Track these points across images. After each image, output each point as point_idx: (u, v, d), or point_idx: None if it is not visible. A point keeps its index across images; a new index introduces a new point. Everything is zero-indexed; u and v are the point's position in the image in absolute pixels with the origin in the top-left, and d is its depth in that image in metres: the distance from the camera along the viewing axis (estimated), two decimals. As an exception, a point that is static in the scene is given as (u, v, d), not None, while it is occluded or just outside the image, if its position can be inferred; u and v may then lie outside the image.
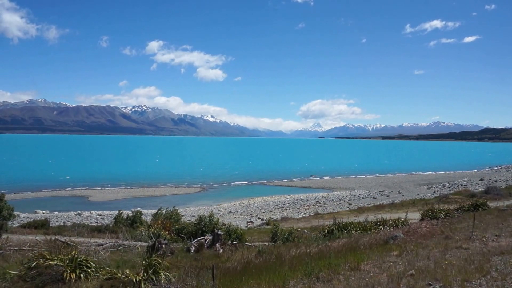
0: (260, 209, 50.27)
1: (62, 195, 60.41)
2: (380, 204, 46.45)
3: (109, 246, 15.37)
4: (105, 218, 41.22)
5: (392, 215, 26.73)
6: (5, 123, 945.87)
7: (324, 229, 19.58)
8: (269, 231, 24.19)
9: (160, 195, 61.66)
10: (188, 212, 45.11)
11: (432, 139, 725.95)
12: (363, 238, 13.19)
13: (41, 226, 23.69)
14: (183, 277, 8.64)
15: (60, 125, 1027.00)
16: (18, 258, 12.17)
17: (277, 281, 7.65)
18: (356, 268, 8.33)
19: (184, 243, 18.67)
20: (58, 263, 9.93)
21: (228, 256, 14.53)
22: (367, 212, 38.58)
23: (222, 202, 56.84)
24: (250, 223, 40.00)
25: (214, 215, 24.83)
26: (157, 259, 10.50)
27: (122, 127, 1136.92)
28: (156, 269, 9.90)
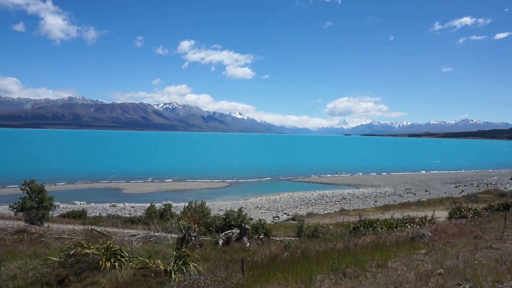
0: (286, 205, 50.40)
1: (98, 187, 62.85)
2: (406, 202, 45.64)
3: (142, 237, 15.94)
4: (137, 210, 42.53)
5: (419, 213, 26.17)
6: (47, 119, 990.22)
7: (349, 226, 19.47)
8: (295, 226, 24.27)
9: (189, 189, 62.84)
10: (216, 206, 45.80)
11: (460, 137, 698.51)
12: (389, 236, 13.04)
13: (79, 216, 24.79)
14: (212, 269, 8.88)
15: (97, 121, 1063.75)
16: (58, 246, 12.88)
17: (304, 275, 7.73)
18: (383, 266, 8.29)
19: (213, 236, 19.07)
20: (94, 252, 10.46)
21: (254, 249, 14.74)
22: (393, 210, 37.97)
23: (249, 197, 57.28)
24: (276, 218, 40.20)
25: (242, 210, 25.23)
26: (187, 251, 10.84)
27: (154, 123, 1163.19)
28: (186, 260, 10.24)
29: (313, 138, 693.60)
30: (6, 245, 13.07)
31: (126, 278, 9.08)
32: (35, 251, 12.12)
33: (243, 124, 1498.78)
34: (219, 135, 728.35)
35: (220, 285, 7.35)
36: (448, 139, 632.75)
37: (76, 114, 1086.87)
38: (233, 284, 7.35)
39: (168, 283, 8.72)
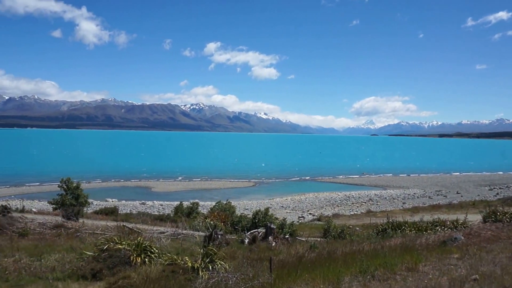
0: (312, 205, 50.08)
1: (128, 185, 64.62)
2: (436, 204, 44.30)
3: (170, 234, 16.31)
4: (166, 208, 43.38)
5: (450, 216, 25.32)
6: (81, 120, 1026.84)
7: (377, 227, 19.12)
8: (321, 227, 24.08)
9: (216, 188, 63.52)
10: (241, 205, 46.08)
11: (494, 137, 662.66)
12: (419, 239, 12.74)
13: (111, 213, 25.56)
14: (239, 267, 8.98)
15: (127, 122, 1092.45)
16: (92, 241, 13.40)
17: (331, 276, 7.69)
18: (414, 269, 8.12)
19: (239, 235, 19.22)
20: (125, 247, 10.82)
21: (280, 249, 14.77)
22: (422, 212, 36.98)
23: (274, 196, 57.30)
24: (301, 218, 40.02)
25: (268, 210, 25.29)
26: (214, 249, 11.02)
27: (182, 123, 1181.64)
28: (213, 258, 10.42)
29: (339, 138, 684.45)
30: (46, 239, 13.73)
31: (156, 274, 9.34)
32: (71, 245, 12.66)
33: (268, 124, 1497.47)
34: (245, 135, 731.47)
35: (248, 283, 7.43)
36: (482, 140, 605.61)
37: (108, 115, 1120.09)
38: (260, 283, 7.41)
39: (196, 280, 8.90)
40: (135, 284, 8.65)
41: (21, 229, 14.59)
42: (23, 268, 9.69)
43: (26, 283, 8.72)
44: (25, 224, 15.45)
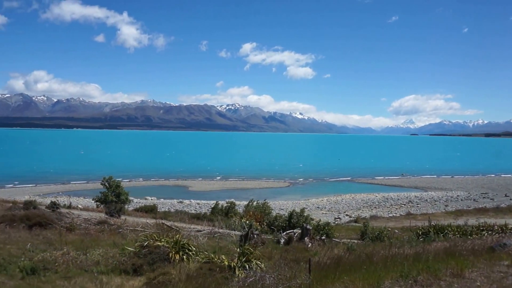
0: (348, 206, 49.20)
1: (166, 184, 66.39)
2: (482, 208, 42.23)
3: (207, 232, 16.58)
4: (202, 207, 44.12)
5: (498, 220, 24.03)
6: (122, 121, 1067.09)
7: (418, 231, 18.45)
8: (358, 228, 23.61)
9: (251, 188, 63.77)
10: (277, 206, 45.98)
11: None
12: (463, 243, 12.17)
13: (150, 210, 26.35)
14: (276, 267, 8.97)
15: (165, 122, 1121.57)
16: (133, 237, 13.89)
17: (371, 280, 7.49)
18: (459, 275, 7.76)
19: (274, 235, 19.20)
20: (165, 244, 11.14)
21: (316, 250, 14.62)
22: (466, 215, 35.37)
23: (310, 197, 56.75)
24: (337, 220, 39.39)
25: (304, 210, 25.09)
26: (250, 248, 11.10)
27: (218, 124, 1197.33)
28: (249, 257, 10.49)
29: (377, 138, 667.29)
30: (91, 234, 14.40)
31: (194, 271, 9.53)
32: (114, 241, 13.19)
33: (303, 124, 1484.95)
34: (280, 135, 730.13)
35: (285, 284, 7.41)
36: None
37: (147, 116, 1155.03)
38: (298, 284, 7.36)
39: (233, 278, 8.99)
40: (173, 281, 8.86)
41: (68, 224, 15.38)
42: (71, 261, 10.22)
43: (73, 275, 9.17)
44: (72, 220, 16.26)
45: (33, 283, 8.40)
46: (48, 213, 16.42)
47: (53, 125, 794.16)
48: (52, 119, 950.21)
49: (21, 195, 44.58)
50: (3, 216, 15.09)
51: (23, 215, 15.14)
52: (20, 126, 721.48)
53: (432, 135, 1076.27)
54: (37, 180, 63.68)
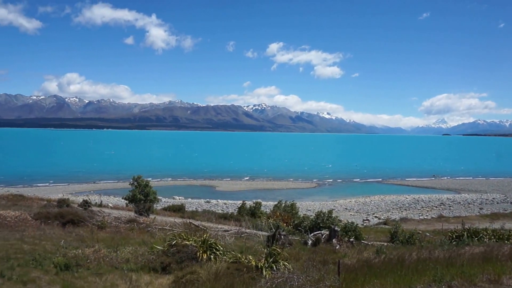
0: (377, 208, 48.29)
1: (194, 184, 67.28)
2: (520, 211, 40.36)
3: (234, 232, 16.63)
4: (229, 207, 44.40)
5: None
6: (151, 121, 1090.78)
7: (450, 234, 17.82)
8: (387, 231, 23.12)
9: (278, 189, 63.66)
10: (304, 206, 45.70)
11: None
12: (500, 248, 11.63)
13: (178, 210, 26.73)
14: (304, 268, 8.87)
15: (193, 123, 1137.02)
16: (161, 236, 14.12)
17: (402, 284, 7.29)
18: (496, 281, 7.42)
19: (302, 236, 19.05)
20: (192, 244, 11.25)
21: (345, 252, 14.39)
22: (503, 219, 34.04)
23: (338, 198, 56.09)
24: (366, 221, 38.76)
25: (332, 212, 24.76)
26: (277, 249, 11.04)
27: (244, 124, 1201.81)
28: (276, 258, 10.43)
29: (407, 138, 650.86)
30: (121, 232, 14.76)
31: (221, 271, 9.56)
32: (143, 239, 13.47)
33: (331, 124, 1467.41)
34: (307, 136, 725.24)
35: (314, 286, 7.31)
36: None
37: (175, 117, 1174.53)
38: (326, 286, 7.25)
39: (260, 278, 8.96)
40: (201, 280, 8.92)
41: (99, 222, 15.81)
42: (102, 258, 10.49)
43: (104, 272, 9.40)
44: (103, 218, 16.71)
45: (66, 278, 8.66)
46: (80, 211, 16.95)
47: (84, 125, 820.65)
48: (83, 119, 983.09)
49: (55, 194, 46.38)
50: (38, 213, 15.70)
51: (57, 212, 15.68)
52: (54, 126, 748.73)
53: (465, 135, 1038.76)
54: (70, 179, 66.08)
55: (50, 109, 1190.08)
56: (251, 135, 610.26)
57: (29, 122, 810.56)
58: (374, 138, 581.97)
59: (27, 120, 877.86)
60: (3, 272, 8.51)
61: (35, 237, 12.46)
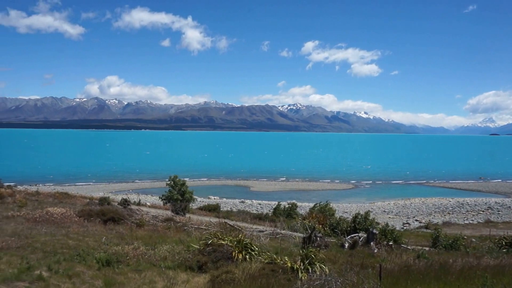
0: (418, 211, 46.69)
1: (228, 184, 67.96)
2: None
3: (269, 233, 16.58)
4: (264, 207, 44.42)
5: None
6: (186, 122, 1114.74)
7: (500, 240, 16.83)
8: (429, 235, 22.36)
9: (313, 190, 63.01)
10: (340, 208, 44.94)
11: None
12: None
13: (213, 209, 27.07)
14: (342, 272, 8.66)
15: (227, 123, 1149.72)
16: (197, 235, 14.31)
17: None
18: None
19: (338, 238, 18.70)
20: (228, 243, 11.29)
21: (383, 256, 13.96)
22: (562, 226, 31.61)
23: (375, 200, 54.75)
24: (406, 225, 37.60)
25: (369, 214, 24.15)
26: (314, 251, 10.86)
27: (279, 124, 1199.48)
28: (312, 260, 10.25)
29: (451, 138, 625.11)
30: (158, 231, 15.11)
31: (256, 271, 9.52)
32: (180, 238, 13.69)
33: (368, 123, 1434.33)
34: (343, 135, 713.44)
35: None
36: None
37: (210, 117, 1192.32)
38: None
39: (296, 280, 8.84)
40: (236, 279, 8.93)
41: (138, 220, 16.27)
42: (140, 255, 10.77)
43: (143, 269, 9.64)
44: (141, 216, 17.19)
45: (108, 274, 8.95)
46: (120, 209, 17.53)
47: (123, 126, 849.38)
48: (122, 121, 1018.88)
49: (96, 192, 48.34)
50: (82, 210, 16.39)
51: (99, 210, 16.30)
52: (95, 127, 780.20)
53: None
54: (110, 178, 68.72)
55: (92, 111, 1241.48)
56: (285, 135, 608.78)
57: (73, 124, 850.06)
58: (414, 138, 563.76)
59: (71, 122, 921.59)
60: (51, 265, 8.95)
61: (79, 233, 13.01)
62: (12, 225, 13.30)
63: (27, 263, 9.01)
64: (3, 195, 17.44)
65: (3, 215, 14.62)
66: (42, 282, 8.01)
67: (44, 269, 8.69)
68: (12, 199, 17.27)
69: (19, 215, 14.77)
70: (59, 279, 8.27)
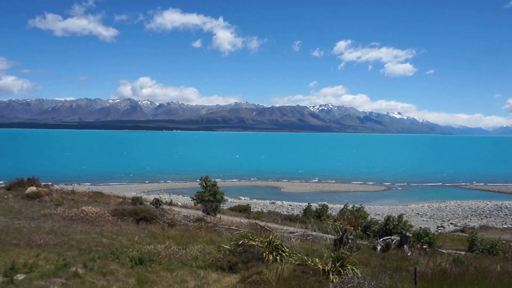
0: (453, 214, 45.18)
1: (259, 185, 68.13)
2: None
3: (299, 234, 16.46)
4: (294, 209, 44.21)
5: None
6: (217, 123, 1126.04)
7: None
8: (465, 239, 21.68)
9: (344, 191, 62.14)
10: (372, 210, 44.11)
11: None
12: None
13: (244, 210, 27.18)
14: (374, 275, 8.46)
15: (258, 124, 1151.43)
16: (228, 235, 14.42)
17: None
18: None
19: (370, 240, 18.35)
20: (258, 244, 11.28)
21: (417, 260, 13.58)
22: None
23: (409, 203, 53.37)
24: (441, 228, 36.55)
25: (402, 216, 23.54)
26: (345, 253, 10.66)
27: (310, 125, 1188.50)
28: (344, 263, 10.07)
29: (489, 139, 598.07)
30: (189, 230, 15.35)
31: (287, 272, 9.46)
32: (210, 238, 13.85)
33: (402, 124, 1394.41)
34: (376, 136, 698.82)
35: (385, 293, 6.92)
36: None
37: (241, 118, 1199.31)
38: (399, 295, 6.83)
39: (327, 282, 8.71)
40: (267, 280, 8.89)
41: (170, 220, 16.58)
42: (172, 255, 10.97)
43: (174, 268, 9.81)
44: (173, 216, 17.50)
45: (140, 272, 9.17)
46: (152, 209, 17.92)
47: (155, 127, 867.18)
48: (154, 121, 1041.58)
49: (129, 192, 49.75)
50: (115, 210, 16.88)
51: (132, 210, 16.74)
52: (128, 128, 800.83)
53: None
54: (143, 178, 70.54)
55: (125, 111, 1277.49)
56: (317, 136, 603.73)
57: (106, 124, 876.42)
58: (450, 139, 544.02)
59: (104, 122, 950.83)
60: (86, 263, 9.27)
61: (112, 232, 13.41)
62: (49, 223, 13.86)
63: (64, 260, 9.38)
64: (40, 194, 18.19)
65: (41, 213, 15.26)
66: (78, 278, 8.30)
67: (79, 266, 9.01)
68: (49, 197, 17.98)
69: (55, 213, 15.36)
70: (94, 276, 8.55)
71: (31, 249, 10.15)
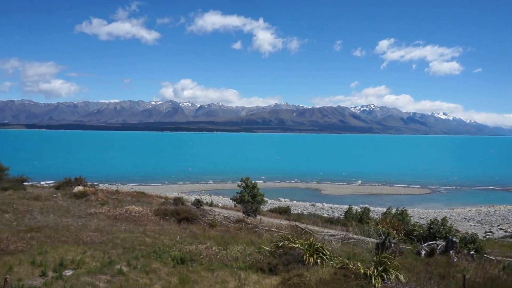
0: (503, 219, 42.83)
1: (299, 187, 67.74)
2: None
3: (340, 237, 16.16)
4: (335, 211, 43.54)
5: None
6: (257, 124, 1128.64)
7: None
8: (516, 246, 20.21)
9: (388, 194, 60.39)
10: (416, 214, 42.67)
11: None
12: None
13: (284, 212, 27.08)
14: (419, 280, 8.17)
15: (298, 125, 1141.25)
16: (268, 237, 14.45)
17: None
18: None
19: (414, 245, 17.74)
20: (299, 247, 11.23)
21: (464, 266, 12.93)
22: None
23: (455, 206, 51.12)
24: (489, 234, 34.82)
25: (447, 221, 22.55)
26: (388, 257, 10.35)
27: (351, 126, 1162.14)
28: (386, 267, 9.78)
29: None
30: (230, 231, 15.53)
31: (328, 275, 9.33)
32: (251, 239, 13.94)
33: (448, 125, 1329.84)
34: (421, 138, 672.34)
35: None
36: None
37: (281, 119, 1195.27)
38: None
39: (369, 287, 8.51)
40: (308, 283, 8.82)
41: (210, 220, 16.86)
42: (213, 255, 11.14)
43: (215, 268, 9.96)
44: (214, 217, 17.78)
45: (182, 271, 9.39)
46: (193, 209, 18.31)
47: (196, 128, 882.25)
48: (195, 123, 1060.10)
49: (170, 192, 51.13)
50: (157, 209, 17.41)
51: (173, 210, 17.18)
52: (170, 130, 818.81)
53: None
54: (184, 179, 72.20)
55: (166, 113, 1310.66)
56: (359, 138, 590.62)
57: (149, 126, 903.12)
58: (500, 141, 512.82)
59: (147, 124, 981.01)
60: (130, 261, 9.64)
61: (155, 232, 13.83)
62: (95, 221, 14.50)
63: (109, 258, 9.78)
64: (86, 193, 19.10)
65: (87, 212, 15.98)
66: (122, 276, 8.63)
67: (123, 264, 9.36)
68: (95, 197, 18.81)
69: (101, 212, 16.04)
70: (138, 274, 8.86)
71: (78, 246, 10.65)
